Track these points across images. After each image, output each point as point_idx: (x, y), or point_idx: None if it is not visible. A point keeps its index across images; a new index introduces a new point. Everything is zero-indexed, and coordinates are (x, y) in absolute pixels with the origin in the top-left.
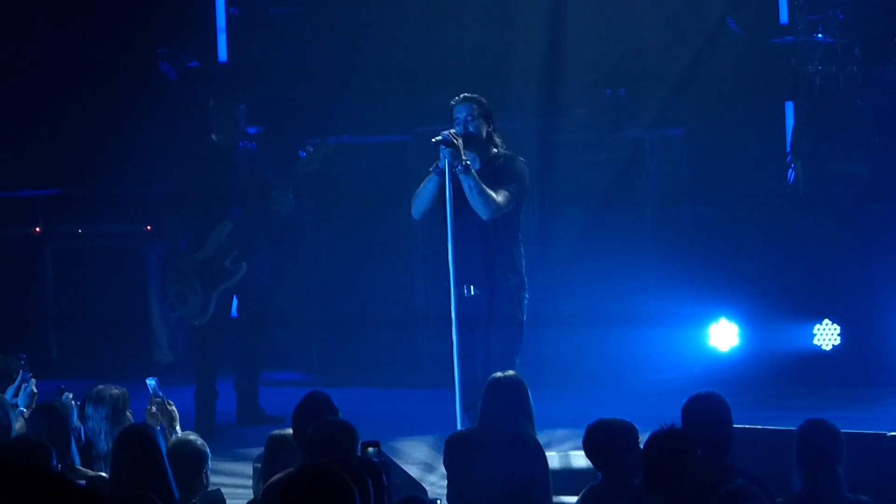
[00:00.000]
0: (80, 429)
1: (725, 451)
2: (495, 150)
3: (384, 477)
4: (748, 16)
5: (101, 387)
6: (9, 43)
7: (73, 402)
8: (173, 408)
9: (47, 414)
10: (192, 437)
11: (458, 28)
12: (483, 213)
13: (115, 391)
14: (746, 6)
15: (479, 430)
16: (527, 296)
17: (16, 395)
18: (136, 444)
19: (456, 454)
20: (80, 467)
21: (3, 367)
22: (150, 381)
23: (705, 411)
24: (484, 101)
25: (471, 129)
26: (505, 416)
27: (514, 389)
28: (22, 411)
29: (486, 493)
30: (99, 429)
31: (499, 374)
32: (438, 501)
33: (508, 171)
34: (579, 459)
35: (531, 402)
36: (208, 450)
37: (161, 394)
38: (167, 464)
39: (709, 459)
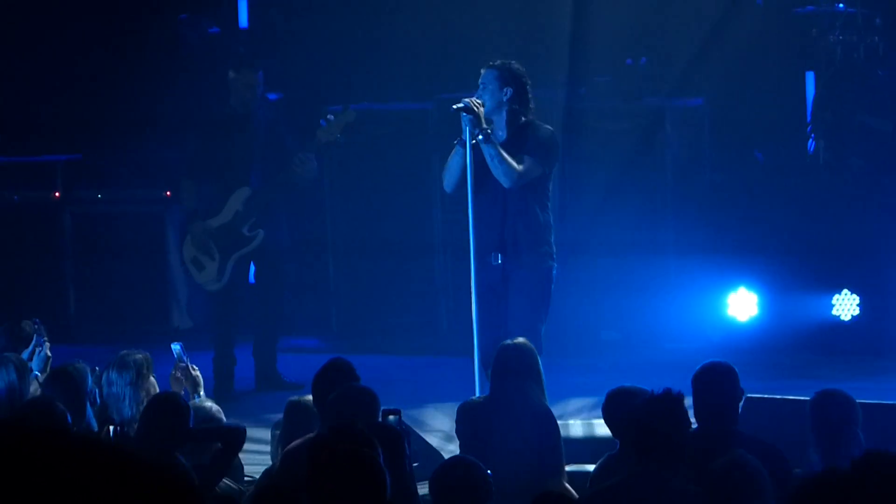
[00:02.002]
0: (95, 392)
1: (733, 419)
2: (524, 118)
3: (406, 444)
4: None
5: (124, 352)
6: (29, 9)
7: (86, 367)
8: (198, 373)
9: (62, 378)
10: (208, 403)
11: None
12: (504, 182)
13: (139, 356)
14: None
15: (490, 398)
16: (555, 265)
17: (30, 359)
18: (168, 412)
19: (467, 422)
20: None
21: (18, 332)
22: (175, 347)
23: (712, 380)
24: (514, 67)
25: (494, 96)
26: (513, 383)
27: (522, 356)
28: (36, 375)
29: (497, 461)
30: (123, 394)
31: (508, 341)
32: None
33: (534, 138)
34: (601, 428)
35: (541, 368)
36: (223, 415)
37: (186, 359)
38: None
39: (717, 427)
